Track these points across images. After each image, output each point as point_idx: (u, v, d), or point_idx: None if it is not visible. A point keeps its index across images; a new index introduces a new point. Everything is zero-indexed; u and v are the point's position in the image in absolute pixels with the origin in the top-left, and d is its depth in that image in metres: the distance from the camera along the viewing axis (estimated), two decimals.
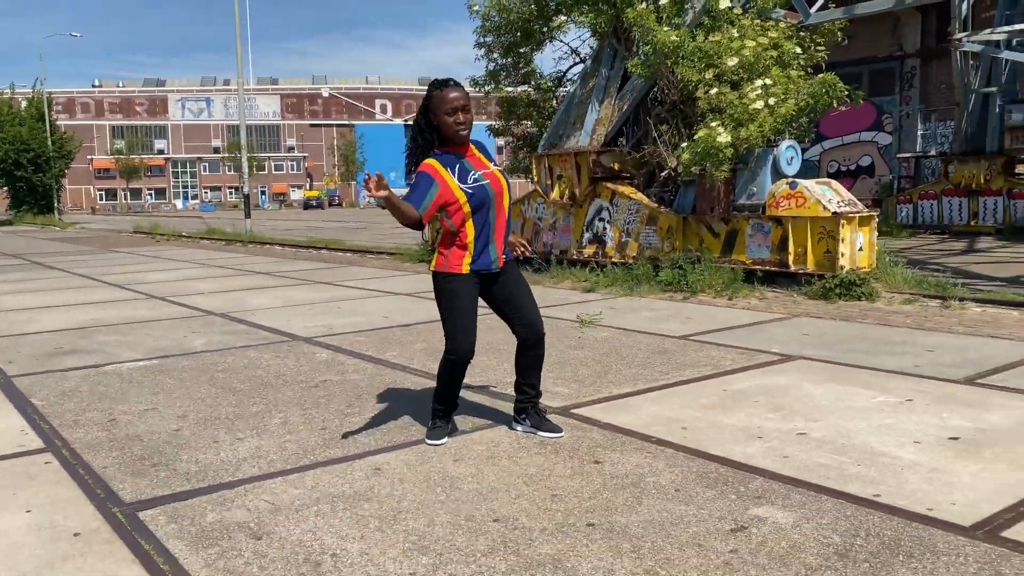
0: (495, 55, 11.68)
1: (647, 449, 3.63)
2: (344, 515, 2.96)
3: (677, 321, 7.05)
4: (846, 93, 8.90)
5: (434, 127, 3.65)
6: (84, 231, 32.53)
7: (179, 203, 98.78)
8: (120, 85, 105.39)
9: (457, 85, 3.64)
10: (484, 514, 2.94)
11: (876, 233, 8.20)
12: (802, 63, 8.93)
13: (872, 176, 21.80)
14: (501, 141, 12.88)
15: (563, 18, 9.87)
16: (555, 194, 10.41)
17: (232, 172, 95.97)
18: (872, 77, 21.53)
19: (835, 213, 7.83)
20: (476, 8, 11.13)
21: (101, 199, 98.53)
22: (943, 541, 2.63)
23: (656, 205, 9.47)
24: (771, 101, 8.19)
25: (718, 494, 3.08)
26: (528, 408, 3.94)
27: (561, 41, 11.36)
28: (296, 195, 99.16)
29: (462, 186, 3.62)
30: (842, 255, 7.81)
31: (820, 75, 8.45)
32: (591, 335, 6.47)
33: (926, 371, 4.95)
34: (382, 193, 3.31)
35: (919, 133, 20.43)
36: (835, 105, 9.13)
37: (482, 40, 11.52)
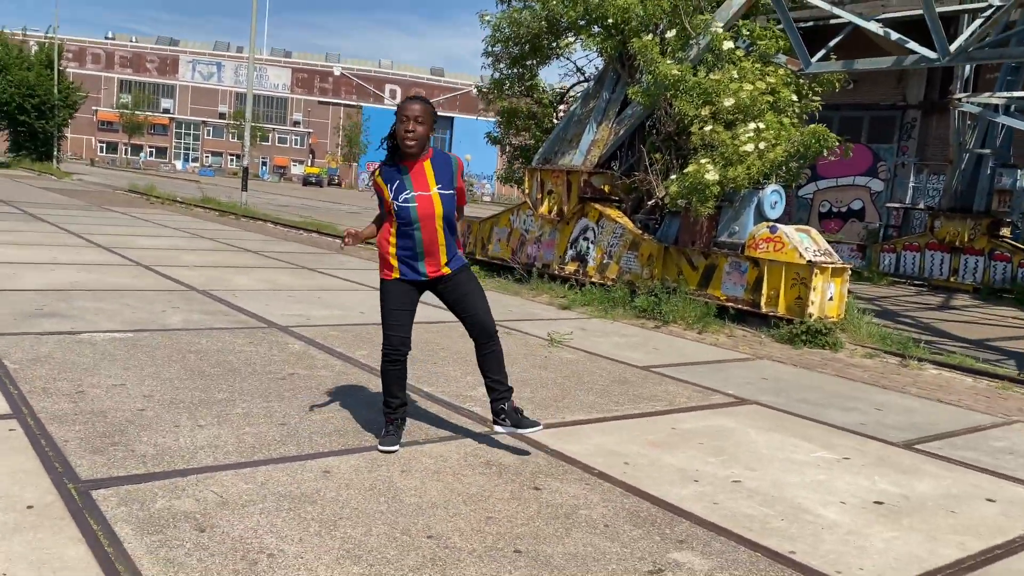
0: (502, 65, 11.85)
1: (587, 480, 3.80)
2: (287, 516, 3.12)
3: (644, 350, 7.23)
4: (837, 144, 9.11)
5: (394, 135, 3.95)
6: (80, 183, 32.48)
7: (179, 164, 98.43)
8: (133, 40, 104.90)
9: (422, 101, 3.90)
10: (420, 529, 3.11)
11: (848, 285, 8.41)
12: (797, 110, 9.13)
13: (861, 220, 22.08)
14: (497, 149, 13.06)
15: (572, 38, 10.04)
16: (544, 208, 10.59)
17: (235, 139, 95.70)
18: (873, 123, 21.81)
19: (810, 262, 8.03)
20: (488, 19, 11.31)
21: (102, 151, 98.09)
22: None
23: (640, 231, 9.65)
24: (761, 145, 8.38)
25: (644, 534, 3.25)
26: (504, 407, 4.05)
27: (567, 59, 11.54)
28: (297, 170, 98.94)
29: (394, 202, 3.89)
30: (812, 303, 8.01)
31: (812, 125, 8.65)
32: (557, 356, 6.64)
33: (870, 430, 5.15)
34: (360, 240, 4.01)
35: (911, 184, 20.73)
36: (824, 154, 9.34)
37: (490, 50, 11.70)
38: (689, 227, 9.08)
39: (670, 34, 9.33)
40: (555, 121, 11.82)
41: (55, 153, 45.72)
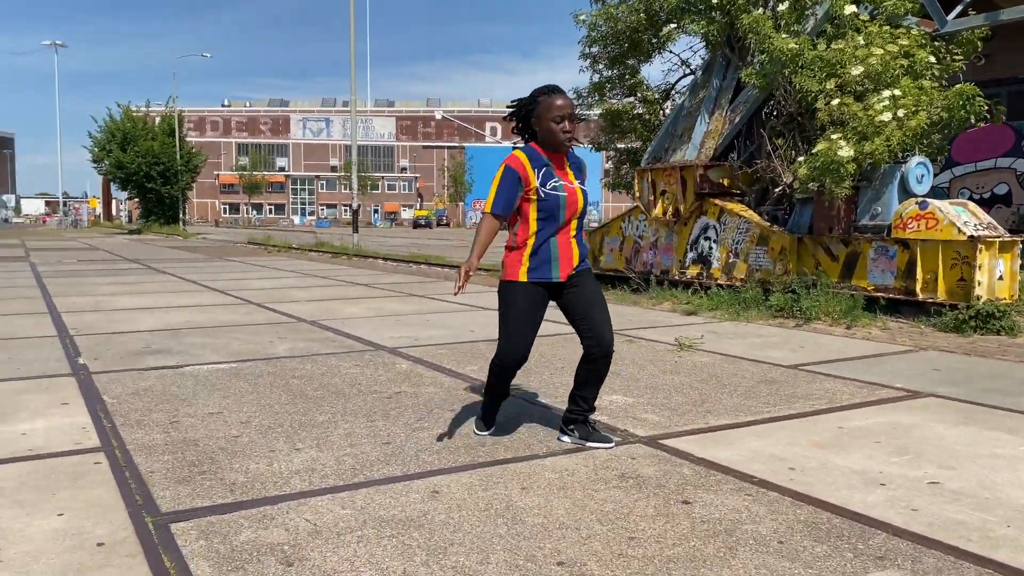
0: (600, 67, 11.29)
1: (746, 490, 3.13)
2: (389, 543, 2.61)
3: (787, 349, 6.44)
4: (986, 108, 8.08)
5: (533, 133, 3.64)
6: (204, 241, 33.94)
7: (296, 219, 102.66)
8: (247, 105, 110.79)
9: (562, 93, 3.62)
10: (547, 555, 2.53)
11: (1020, 261, 7.34)
12: (936, 74, 8.16)
13: (1009, 205, 20.16)
14: (603, 156, 12.43)
15: (673, 26, 9.41)
16: (657, 211, 9.90)
17: (347, 191, 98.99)
18: (1012, 99, 19.96)
19: (972, 237, 7.03)
20: (583, 18, 10.79)
21: (225, 212, 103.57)
22: None
23: (768, 224, 8.83)
24: (900, 113, 7.48)
25: (830, 550, 2.56)
26: (578, 420, 3.78)
27: (671, 52, 10.87)
28: (407, 214, 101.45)
29: (541, 189, 3.58)
30: (978, 284, 7.00)
31: (959, 85, 7.68)
32: (689, 360, 5.95)
33: None
34: (471, 276, 3.53)
35: None
36: (973, 121, 8.31)
37: (587, 51, 11.16)
38: (824, 213, 8.21)
39: (782, 7, 8.56)
40: (661, 119, 11.14)
41: (181, 216, 48.23)
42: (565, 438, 3.78)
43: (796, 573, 2.40)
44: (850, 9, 8.15)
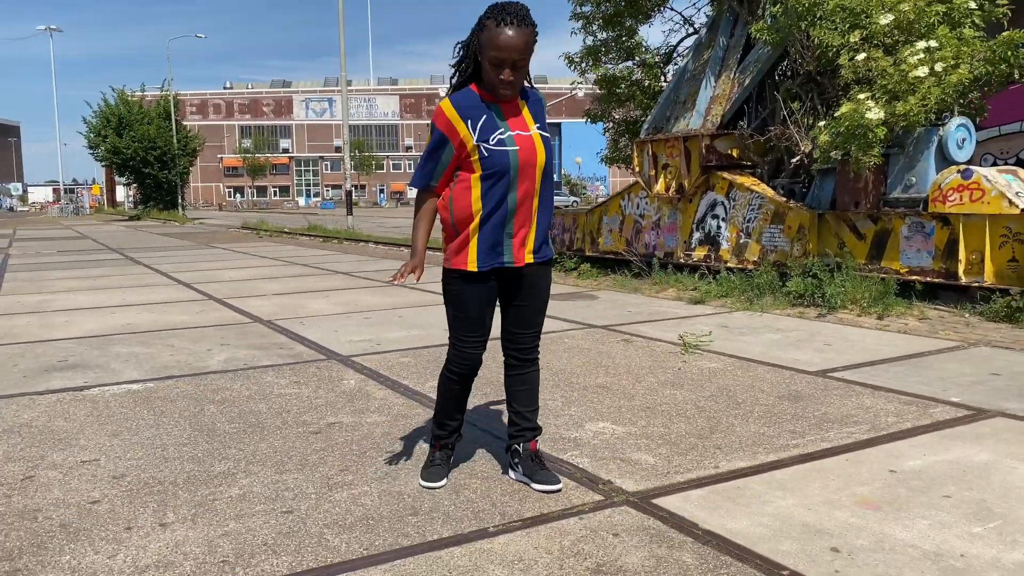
0: (594, 27, 10.18)
1: None
2: None
3: (811, 348, 5.45)
4: None
5: (477, 66, 2.81)
6: (199, 227, 33.06)
7: (301, 200, 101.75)
8: (249, 87, 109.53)
9: (520, 23, 2.66)
10: None
11: None
12: (977, 21, 7.08)
13: None
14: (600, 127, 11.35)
15: None
16: (659, 187, 8.87)
17: (353, 171, 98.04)
18: None
19: None
20: None
21: (230, 196, 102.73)
22: None
23: (784, 199, 7.80)
24: (938, 67, 6.42)
25: None
26: (519, 447, 3.04)
27: (672, 10, 9.76)
28: (413, 193, 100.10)
29: (480, 144, 2.75)
30: None
31: (1005, 33, 6.61)
32: (695, 365, 4.97)
33: None
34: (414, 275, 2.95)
35: None
36: (1016, 76, 7.24)
37: (579, 11, 10.05)
38: (849, 185, 7.17)
39: None
40: (664, 85, 10.06)
41: (180, 201, 47.35)
42: (511, 473, 3.07)
43: None
44: None
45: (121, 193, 74.54)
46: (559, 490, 2.91)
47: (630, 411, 4.00)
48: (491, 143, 2.74)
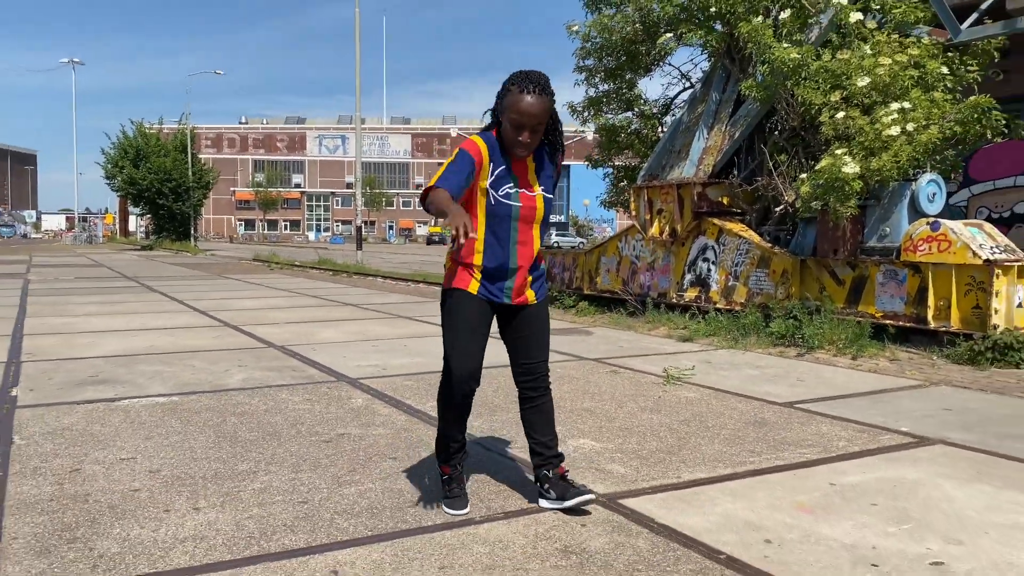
0: (596, 80, 10.80)
1: (708, 572, 2.60)
2: None
3: (785, 383, 5.89)
4: (1003, 122, 7.53)
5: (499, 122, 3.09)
6: (211, 258, 33.69)
7: (311, 235, 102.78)
8: (264, 122, 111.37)
9: (541, 92, 2.95)
10: None
11: None
12: (949, 85, 7.62)
13: None
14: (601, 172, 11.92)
15: (669, 36, 8.91)
16: (654, 230, 9.38)
17: (363, 207, 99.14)
18: None
19: (988, 260, 6.47)
20: (576, 28, 10.31)
21: (241, 229, 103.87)
22: None
23: (770, 245, 8.29)
24: (910, 127, 6.94)
25: None
26: (548, 474, 3.20)
27: (670, 65, 10.38)
28: (421, 230, 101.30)
29: (491, 191, 3.04)
30: (995, 312, 6.42)
31: (973, 98, 7.13)
32: (674, 395, 5.41)
33: None
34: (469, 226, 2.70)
35: None
36: (990, 136, 7.76)
37: (582, 64, 10.67)
38: (828, 233, 7.66)
39: (784, 15, 8.06)
40: (661, 134, 10.63)
41: (193, 232, 48.14)
42: (544, 502, 3.17)
43: None
44: (856, 17, 7.63)
45: (133, 223, 75.67)
46: (593, 498, 3.13)
47: (609, 431, 4.44)
48: (499, 194, 3.03)
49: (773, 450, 4.06)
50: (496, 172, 3.04)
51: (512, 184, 3.05)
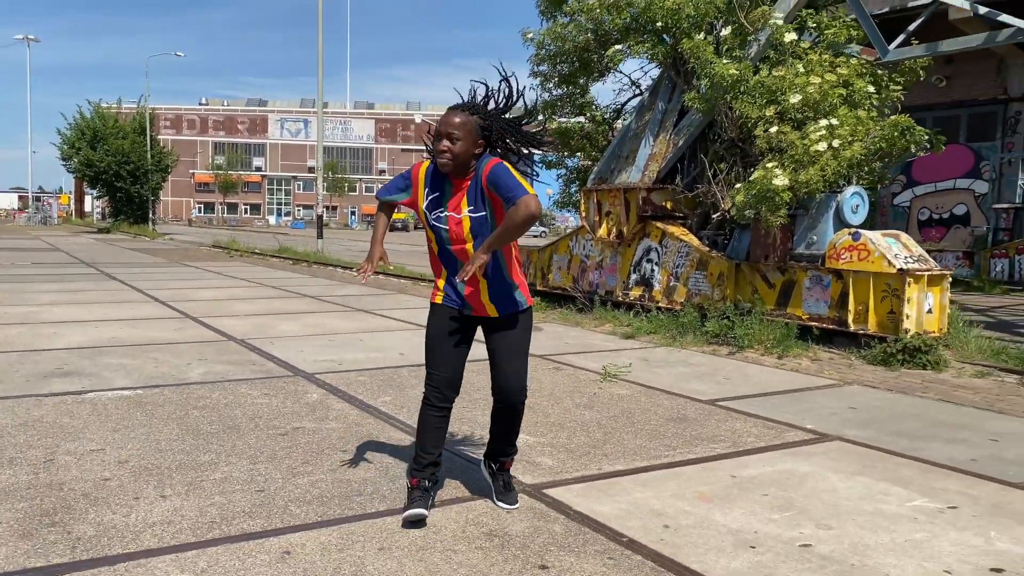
0: (550, 85, 11.22)
1: (610, 553, 3.04)
2: None
3: (711, 381, 6.38)
4: (926, 137, 8.09)
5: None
6: (170, 243, 33.52)
7: (272, 219, 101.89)
8: (225, 103, 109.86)
9: (463, 110, 3.28)
10: None
11: (948, 294, 7.33)
12: (875, 103, 8.16)
13: (967, 226, 20.36)
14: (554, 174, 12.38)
15: (619, 48, 9.34)
16: (602, 231, 9.84)
17: (325, 192, 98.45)
18: (971, 121, 20.18)
19: (901, 270, 7.02)
20: (531, 36, 10.71)
21: (200, 212, 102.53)
22: None
23: (708, 249, 8.79)
24: (835, 143, 7.46)
25: None
26: (494, 465, 3.60)
27: (621, 72, 10.81)
28: None
29: (427, 213, 3.36)
30: (907, 317, 6.98)
31: (893, 117, 7.67)
32: (608, 392, 5.87)
33: (983, 467, 4.19)
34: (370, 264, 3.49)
35: (1020, 183, 18.97)
36: (913, 151, 8.32)
37: (536, 69, 11.08)
38: (761, 240, 8.18)
39: (726, 32, 8.53)
40: (611, 139, 11.08)
41: (151, 216, 47.64)
42: (485, 474, 3.64)
43: None
44: (791, 37, 8.13)
45: (89, 204, 74.45)
46: (515, 507, 3.45)
47: (544, 426, 4.88)
48: (431, 217, 3.34)
49: (688, 445, 4.53)
50: (430, 197, 3.34)
51: (442, 209, 3.32)
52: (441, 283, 3.43)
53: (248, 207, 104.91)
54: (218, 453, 4.19)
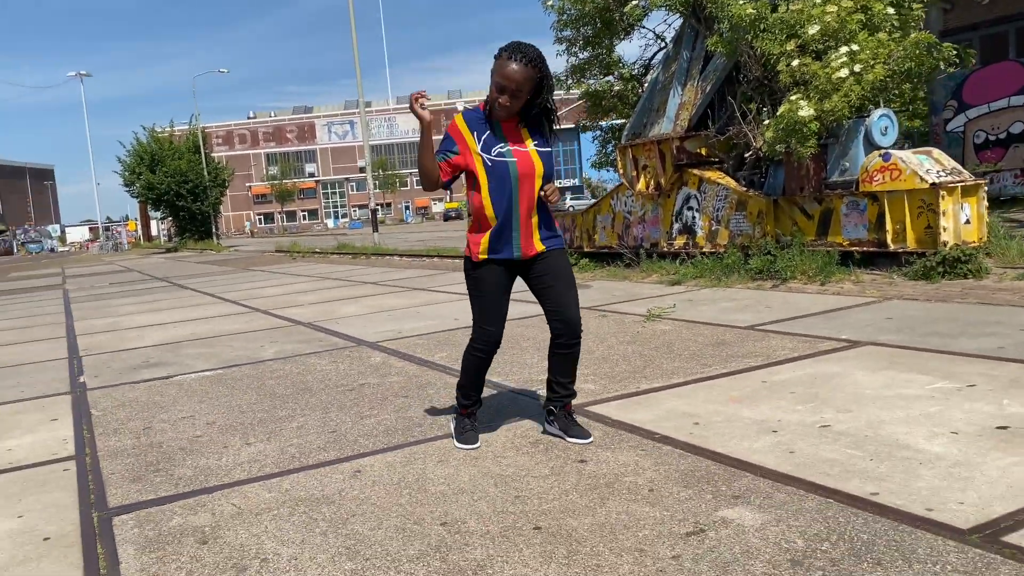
0: (576, 49, 11.43)
1: (643, 447, 3.36)
2: (297, 519, 2.91)
3: (753, 311, 6.60)
4: (955, 53, 8.10)
5: None
6: (235, 253, 34.74)
7: (330, 222, 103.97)
8: (272, 115, 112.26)
9: (522, 59, 3.18)
10: (435, 517, 2.81)
11: (985, 203, 7.37)
12: (896, 24, 8.19)
13: None
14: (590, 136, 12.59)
15: (636, 2, 9.50)
16: (641, 185, 10.06)
17: (378, 190, 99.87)
18: (1020, 35, 19.58)
19: (933, 184, 7.10)
20: (551, 3, 10.95)
21: (260, 223, 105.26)
22: (926, 547, 2.26)
23: (745, 189, 8.95)
24: (857, 68, 7.55)
25: (693, 494, 2.80)
26: (555, 408, 3.60)
27: (644, 28, 10.96)
28: (437, 207, 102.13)
29: (483, 155, 3.32)
30: (944, 230, 7.07)
31: (914, 35, 7.71)
32: (652, 329, 6.16)
33: (1009, 353, 4.37)
34: (424, 114, 3.24)
35: None
36: (942, 68, 8.33)
37: (560, 35, 11.31)
38: (794, 173, 8.31)
39: None
40: (641, 95, 11.25)
41: (215, 230, 49.30)
42: (547, 427, 3.64)
43: (651, 516, 2.64)
44: None
45: (155, 227, 77.20)
46: (590, 441, 3.45)
47: (589, 360, 5.20)
48: (492, 154, 3.30)
49: (723, 363, 4.81)
50: (483, 137, 3.31)
51: (503, 143, 3.31)
52: (484, 238, 3.38)
53: (306, 213, 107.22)
54: (293, 409, 4.65)
